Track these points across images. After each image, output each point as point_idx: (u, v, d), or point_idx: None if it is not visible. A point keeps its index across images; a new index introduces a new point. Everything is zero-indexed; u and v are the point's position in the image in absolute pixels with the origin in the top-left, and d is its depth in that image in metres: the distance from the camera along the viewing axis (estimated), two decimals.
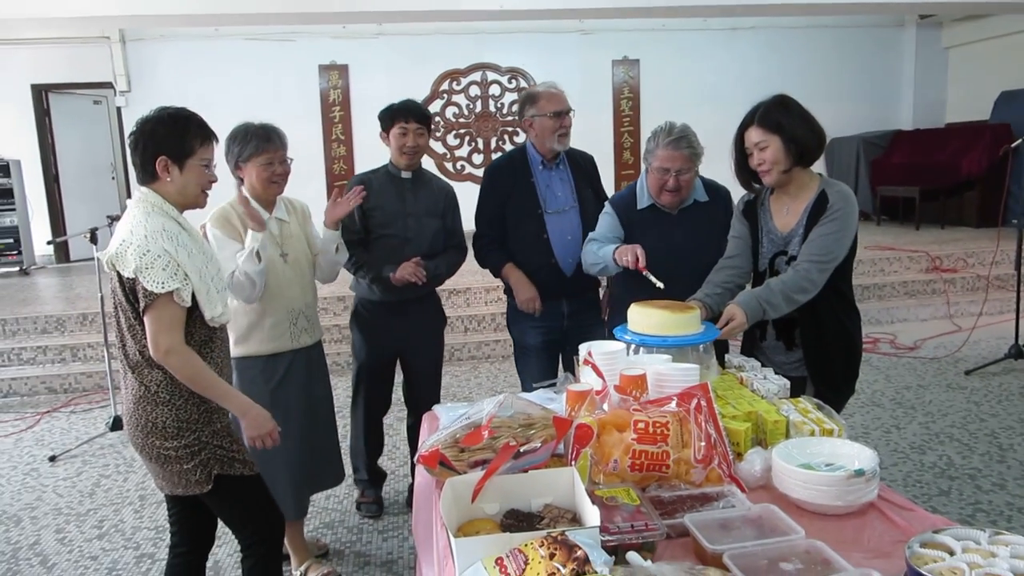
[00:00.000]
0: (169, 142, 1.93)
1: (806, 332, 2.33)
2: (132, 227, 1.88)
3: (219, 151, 2.16)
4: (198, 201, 2.04)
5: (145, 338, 1.89)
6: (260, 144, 2.61)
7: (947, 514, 2.99)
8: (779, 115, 2.22)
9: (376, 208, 3.06)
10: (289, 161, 2.72)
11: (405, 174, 3.12)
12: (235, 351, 2.65)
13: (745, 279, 2.45)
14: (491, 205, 3.08)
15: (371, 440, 3.33)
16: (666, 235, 2.63)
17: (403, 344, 3.21)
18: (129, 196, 9.31)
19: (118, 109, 9.21)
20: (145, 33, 9.06)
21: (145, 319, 1.88)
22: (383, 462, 3.53)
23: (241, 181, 2.69)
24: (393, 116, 3.04)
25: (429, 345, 3.30)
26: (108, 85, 9.20)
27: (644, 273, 2.39)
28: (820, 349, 2.33)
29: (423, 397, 3.22)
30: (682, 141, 2.55)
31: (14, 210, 8.41)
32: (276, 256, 2.67)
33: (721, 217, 2.65)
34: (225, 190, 2.55)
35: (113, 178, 9.97)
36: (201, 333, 1.97)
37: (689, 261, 2.54)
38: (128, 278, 1.86)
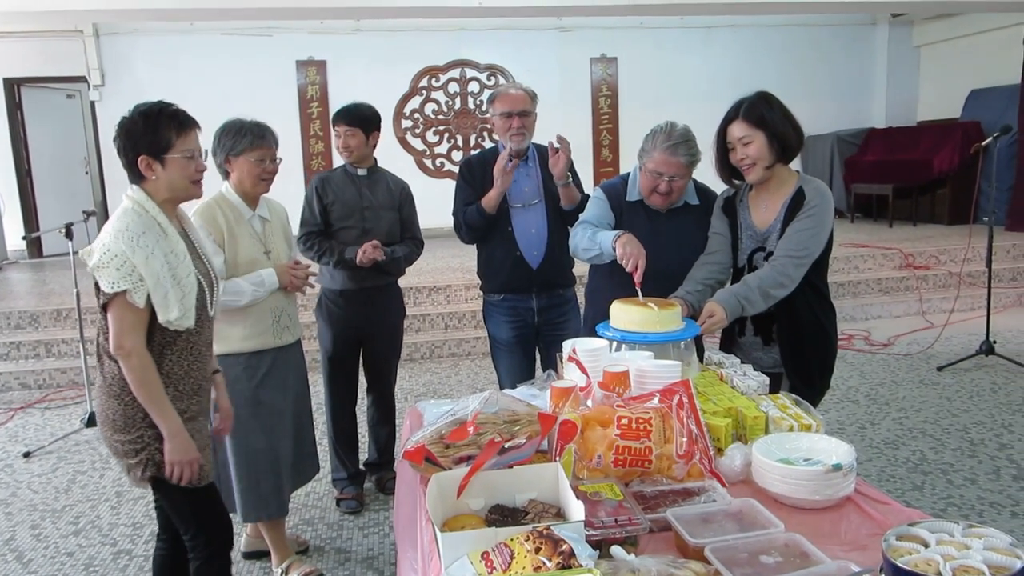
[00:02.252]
0: (145, 140, 1.92)
1: (783, 327, 2.36)
2: (106, 226, 1.92)
3: (204, 138, 2.13)
4: (190, 192, 2.03)
5: (106, 330, 1.93)
6: (254, 140, 2.61)
7: (920, 508, 3.05)
8: (763, 110, 2.25)
9: (335, 202, 3.29)
10: (279, 160, 2.72)
11: (360, 171, 3.35)
12: (216, 348, 2.60)
13: (726, 275, 2.47)
14: (465, 195, 3.13)
15: (344, 435, 3.42)
16: (652, 231, 2.57)
17: (364, 331, 3.37)
18: (103, 191, 9.19)
19: (92, 103, 9.06)
20: (119, 27, 8.92)
21: (108, 317, 1.91)
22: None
23: (227, 175, 2.68)
24: (332, 120, 3.35)
25: (389, 332, 3.47)
26: (82, 79, 9.05)
27: (636, 287, 2.32)
28: (796, 344, 2.36)
29: (381, 382, 3.51)
30: (680, 147, 2.44)
31: None
32: (260, 254, 2.68)
33: (709, 222, 2.60)
34: (207, 184, 2.52)
35: (87, 173, 9.82)
36: (163, 336, 1.96)
37: (671, 261, 2.52)
38: (91, 274, 1.91)
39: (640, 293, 2.30)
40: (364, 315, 3.33)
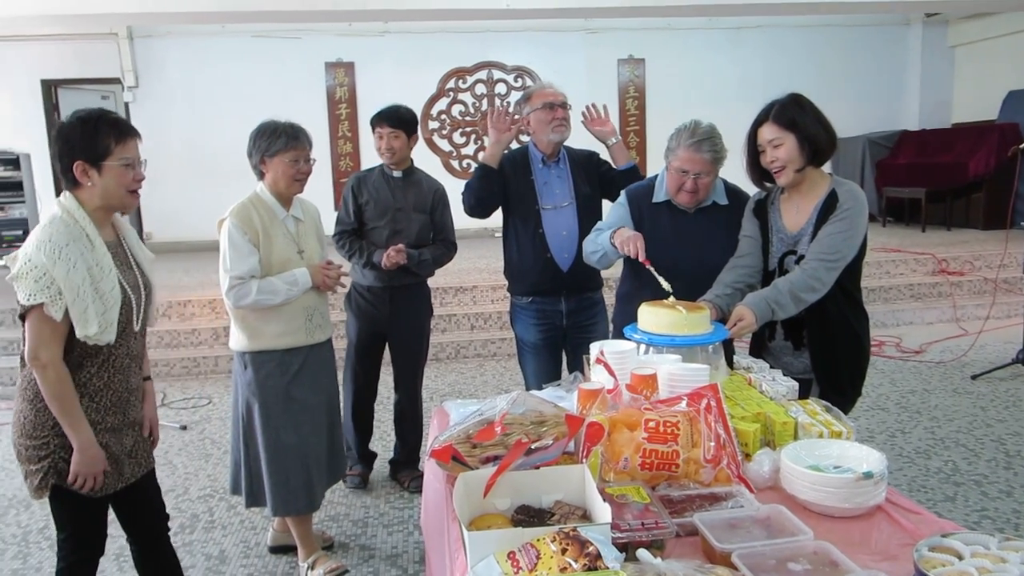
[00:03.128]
0: (82, 145, 1.88)
1: (814, 332, 2.33)
2: (32, 233, 1.91)
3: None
4: (124, 203, 1.98)
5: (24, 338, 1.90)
6: (289, 141, 2.65)
7: (953, 520, 2.99)
8: (794, 113, 2.22)
9: (369, 202, 3.37)
10: (312, 161, 2.75)
11: (396, 173, 3.42)
12: (250, 345, 2.68)
13: (756, 279, 2.44)
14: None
15: (360, 419, 3.56)
16: (679, 231, 2.56)
17: (388, 327, 3.45)
18: None
19: (126, 104, 9.24)
20: (153, 30, 9.09)
21: (25, 327, 1.88)
22: (373, 445, 3.76)
23: (262, 176, 2.71)
24: (372, 121, 3.39)
25: (414, 330, 3.53)
26: (116, 81, 9.23)
27: (647, 266, 2.35)
28: (827, 350, 2.33)
29: (407, 380, 3.56)
30: (704, 144, 2.44)
31: (23, 202, 8.45)
32: (293, 253, 2.72)
33: (738, 223, 2.57)
34: (237, 185, 2.56)
35: None
36: (82, 349, 1.93)
37: (698, 260, 2.50)
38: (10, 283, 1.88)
39: (655, 271, 2.32)
40: (389, 312, 3.42)
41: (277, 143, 2.64)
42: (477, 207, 3.10)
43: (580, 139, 3.14)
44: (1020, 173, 5.19)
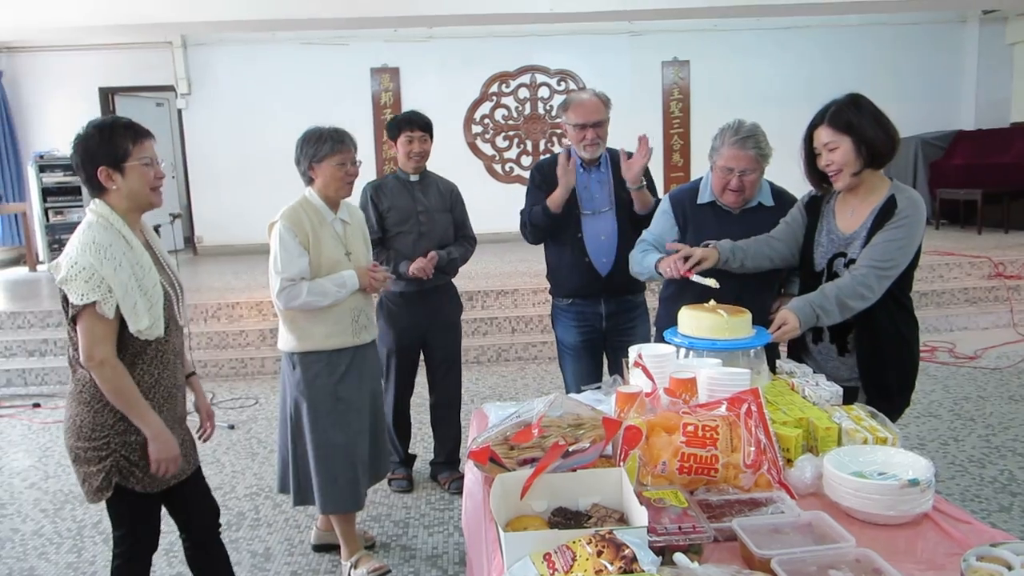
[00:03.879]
0: (102, 151, 1.96)
1: (861, 336, 2.27)
2: (73, 239, 1.96)
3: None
4: (151, 200, 2.04)
5: (75, 342, 1.95)
6: (335, 145, 2.70)
7: (1007, 531, 2.90)
8: (850, 115, 2.16)
9: (391, 209, 3.41)
10: (358, 163, 2.81)
11: (413, 177, 3.45)
12: (299, 346, 2.74)
13: (774, 263, 2.43)
14: (534, 197, 3.13)
15: (400, 423, 3.61)
16: (724, 233, 2.52)
17: (424, 330, 3.49)
18: (188, 195, 9.57)
19: (179, 111, 9.52)
20: (205, 38, 9.34)
21: (77, 329, 1.93)
22: (414, 447, 3.82)
23: (311, 181, 2.77)
24: (399, 126, 3.40)
25: (448, 330, 3.59)
26: (170, 88, 9.52)
27: (692, 278, 2.34)
28: (875, 355, 2.26)
29: (445, 381, 3.60)
30: (749, 141, 2.45)
31: (81, 206, 8.78)
32: (341, 255, 2.78)
33: None
34: (285, 190, 2.62)
35: (173, 177, 10.28)
36: (133, 347, 1.98)
37: None
38: (59, 287, 1.93)
39: (701, 279, 2.30)
40: (424, 314, 3.46)
41: (324, 148, 2.69)
42: (536, 239, 3.19)
43: (625, 143, 3.09)
44: None
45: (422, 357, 3.62)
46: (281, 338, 2.81)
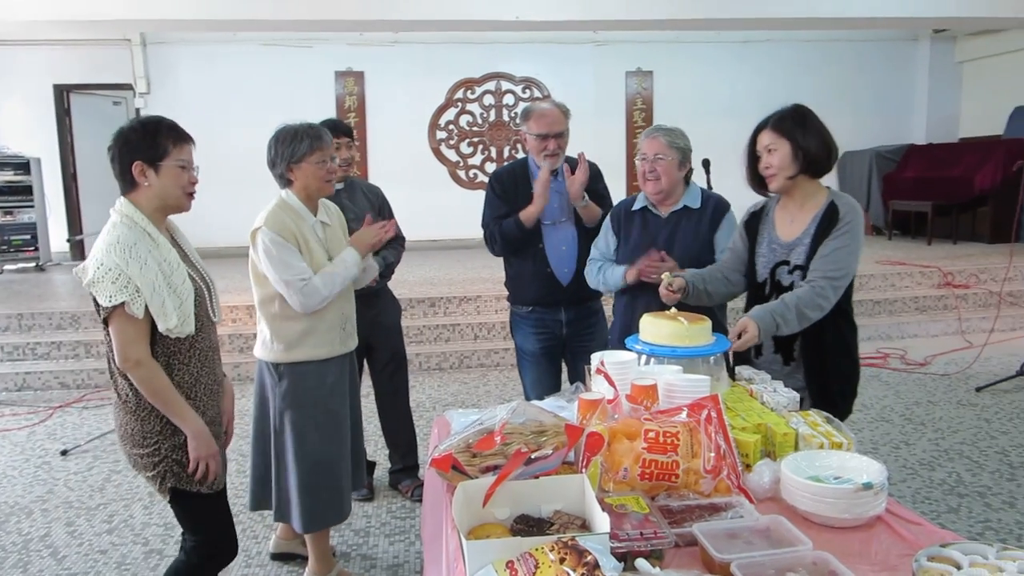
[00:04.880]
0: (142, 147, 1.95)
1: (807, 346, 2.32)
2: (98, 241, 1.95)
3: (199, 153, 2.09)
4: (181, 204, 2.04)
5: (111, 347, 1.95)
6: (313, 142, 2.55)
7: (956, 531, 2.97)
8: (792, 122, 2.26)
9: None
10: (335, 159, 2.75)
11: (338, 185, 3.30)
12: (287, 356, 2.59)
13: (729, 289, 2.51)
14: (495, 208, 3.13)
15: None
16: (651, 234, 2.76)
17: (367, 335, 3.25)
18: None
19: (137, 111, 9.31)
20: (165, 37, 9.17)
21: (110, 332, 1.93)
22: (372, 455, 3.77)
23: (288, 183, 2.61)
24: (322, 135, 3.28)
25: (391, 331, 3.55)
26: (128, 87, 9.32)
27: (653, 278, 2.44)
28: (821, 364, 2.31)
29: (393, 380, 3.55)
30: (658, 131, 2.71)
31: (32, 207, 8.53)
32: (325, 260, 2.62)
33: (705, 224, 2.74)
34: (247, 192, 2.55)
35: None
36: (166, 347, 1.97)
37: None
38: (88, 291, 1.92)
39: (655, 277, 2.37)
40: (364, 321, 3.25)
41: (301, 147, 2.54)
42: (506, 252, 3.18)
43: (589, 152, 3.13)
44: None
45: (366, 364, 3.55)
46: (263, 347, 2.64)
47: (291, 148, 2.55)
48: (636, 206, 2.84)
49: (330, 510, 2.67)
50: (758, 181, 2.39)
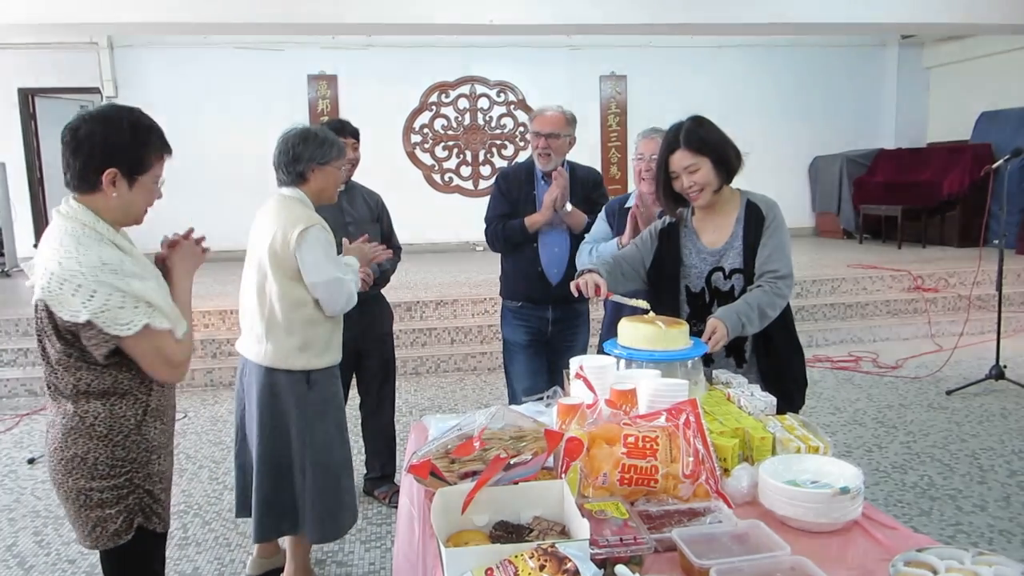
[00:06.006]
0: (125, 155, 1.69)
1: (759, 344, 2.35)
2: (62, 259, 1.64)
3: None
4: (139, 219, 1.82)
5: (81, 368, 1.70)
6: (340, 151, 2.62)
7: (928, 534, 3.01)
8: (702, 135, 2.26)
9: None
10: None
11: (340, 187, 3.22)
12: (320, 362, 2.58)
13: (623, 277, 2.47)
14: (499, 205, 3.29)
15: None
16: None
17: (358, 343, 3.28)
18: None
19: None
20: (133, 40, 9.04)
21: (132, 356, 1.70)
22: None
23: (302, 181, 2.57)
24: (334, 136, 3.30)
25: (382, 340, 3.53)
26: (95, 90, 9.16)
27: (612, 298, 2.35)
28: (773, 357, 2.35)
29: (381, 392, 3.53)
30: (656, 131, 2.77)
31: None
32: None
33: None
34: (215, 195, 2.51)
35: None
36: (137, 369, 1.76)
37: None
38: (72, 322, 1.64)
39: (623, 299, 2.31)
40: (358, 328, 3.25)
41: (331, 152, 2.57)
42: (506, 252, 3.32)
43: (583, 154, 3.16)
44: (993, 192, 5.28)
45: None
46: (286, 355, 2.53)
47: (322, 150, 2.56)
48: (630, 203, 2.92)
49: (348, 515, 2.71)
50: (673, 199, 2.36)
